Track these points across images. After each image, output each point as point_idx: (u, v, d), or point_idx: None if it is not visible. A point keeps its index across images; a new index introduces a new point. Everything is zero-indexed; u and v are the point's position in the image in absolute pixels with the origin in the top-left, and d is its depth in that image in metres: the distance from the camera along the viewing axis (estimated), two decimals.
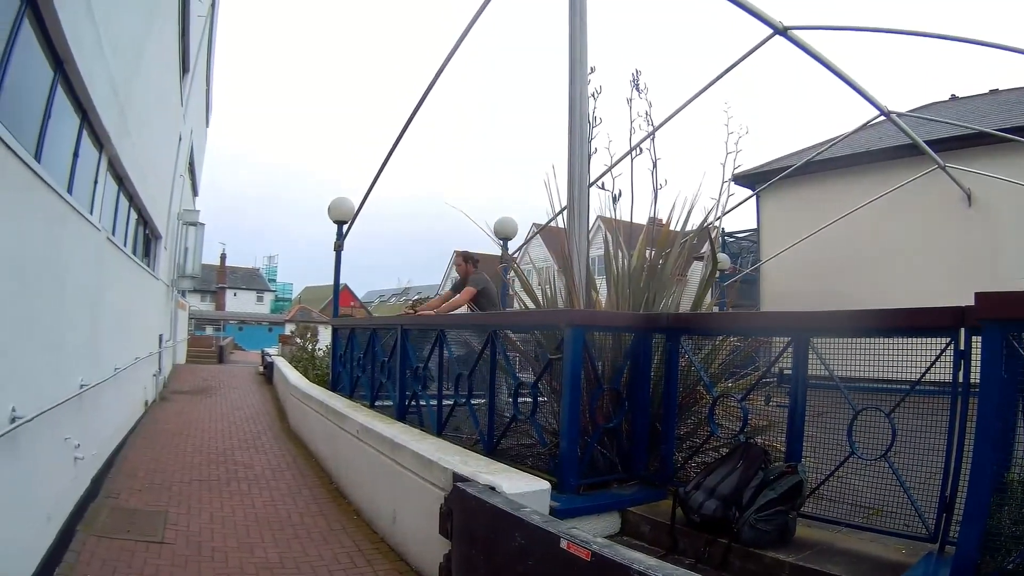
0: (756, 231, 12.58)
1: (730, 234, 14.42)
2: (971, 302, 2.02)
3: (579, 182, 3.65)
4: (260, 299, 48.26)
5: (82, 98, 3.66)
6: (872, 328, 2.58)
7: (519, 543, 1.97)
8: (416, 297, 49.16)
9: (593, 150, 3.89)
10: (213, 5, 11.27)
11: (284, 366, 10.15)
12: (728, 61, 5.34)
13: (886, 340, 2.45)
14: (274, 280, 52.16)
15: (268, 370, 12.52)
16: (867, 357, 2.52)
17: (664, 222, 4.05)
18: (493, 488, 2.41)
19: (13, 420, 2.67)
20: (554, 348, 3.23)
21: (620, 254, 3.92)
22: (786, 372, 2.79)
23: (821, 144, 9.59)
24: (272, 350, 16.11)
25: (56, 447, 3.43)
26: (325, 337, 17.56)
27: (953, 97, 12.76)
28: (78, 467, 3.83)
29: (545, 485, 2.60)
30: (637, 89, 4.00)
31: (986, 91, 12.44)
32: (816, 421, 2.71)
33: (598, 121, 3.92)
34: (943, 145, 8.31)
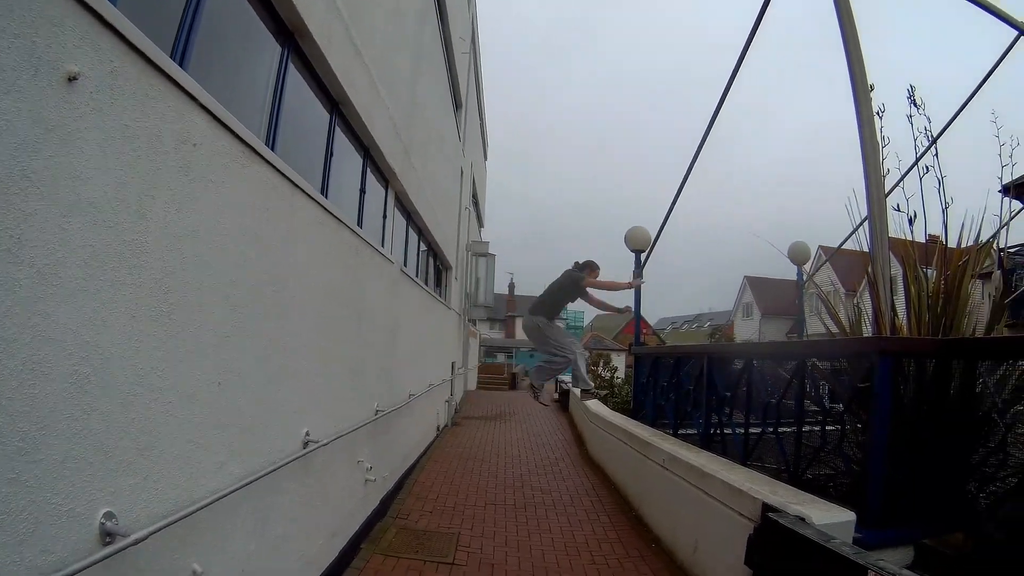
0: None
1: (1001, 250, 11.37)
2: None
3: (878, 203, 3.77)
4: None
5: (362, 135, 4.20)
6: None
7: (827, 574, 2.14)
8: (709, 323, 47.77)
9: (885, 171, 4.15)
10: (474, 41, 12.61)
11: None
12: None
13: None
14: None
15: (563, 397, 13.19)
16: None
17: (937, 240, 4.22)
18: (803, 519, 2.54)
19: (306, 444, 2.98)
20: (862, 376, 3.41)
21: (920, 277, 4.03)
22: None
23: None
24: (567, 378, 16.99)
25: (348, 469, 3.84)
26: (617, 364, 18.15)
27: None
28: (368, 488, 4.26)
29: (851, 516, 2.69)
30: (914, 105, 4.31)
31: None
32: None
33: (887, 141, 4.17)
34: None
